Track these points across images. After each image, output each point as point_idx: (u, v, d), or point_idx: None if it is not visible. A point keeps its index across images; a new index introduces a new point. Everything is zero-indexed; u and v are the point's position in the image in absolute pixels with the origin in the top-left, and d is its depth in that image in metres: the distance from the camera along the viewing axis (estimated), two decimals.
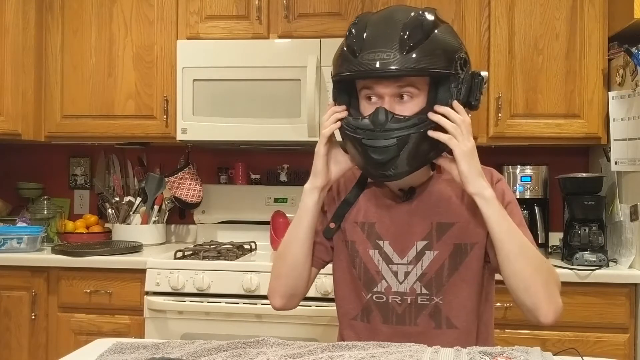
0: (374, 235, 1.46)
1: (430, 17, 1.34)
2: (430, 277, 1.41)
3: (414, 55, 1.29)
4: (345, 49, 1.37)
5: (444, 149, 1.37)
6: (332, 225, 1.50)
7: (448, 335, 1.40)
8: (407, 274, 1.43)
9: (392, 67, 1.29)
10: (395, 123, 1.31)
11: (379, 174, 1.36)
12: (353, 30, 1.37)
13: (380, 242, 1.45)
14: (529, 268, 1.34)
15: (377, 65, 1.29)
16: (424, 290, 1.42)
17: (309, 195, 1.45)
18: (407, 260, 1.43)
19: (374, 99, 1.36)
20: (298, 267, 1.49)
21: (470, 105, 1.38)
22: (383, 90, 1.34)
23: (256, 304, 2.40)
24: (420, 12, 1.34)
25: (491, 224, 1.34)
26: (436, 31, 1.33)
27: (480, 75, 1.37)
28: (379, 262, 1.45)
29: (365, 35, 1.34)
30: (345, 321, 1.52)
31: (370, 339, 1.38)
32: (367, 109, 1.37)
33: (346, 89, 1.42)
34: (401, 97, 1.35)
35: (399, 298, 1.43)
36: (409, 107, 1.34)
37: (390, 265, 1.44)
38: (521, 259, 1.34)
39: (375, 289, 1.45)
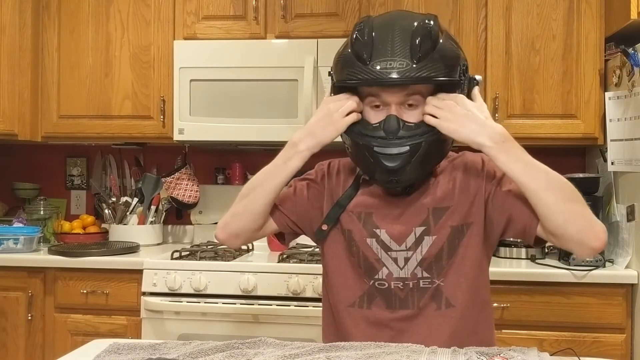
0: (370, 224, 1.47)
1: (435, 25, 1.37)
2: (430, 261, 1.43)
3: (425, 65, 1.33)
4: (351, 54, 1.38)
5: (447, 152, 1.45)
6: (324, 227, 1.50)
7: (448, 315, 1.41)
8: (407, 259, 1.44)
9: (407, 76, 1.32)
10: (407, 131, 1.36)
11: (390, 180, 1.39)
12: (359, 36, 1.38)
13: (377, 231, 1.46)
14: (562, 198, 1.32)
15: (392, 75, 1.32)
16: (425, 274, 1.43)
17: (299, 158, 1.43)
18: (406, 247, 1.44)
19: (380, 106, 1.39)
20: (254, 214, 1.49)
21: None
22: (391, 99, 1.37)
23: (253, 304, 2.40)
24: (426, 20, 1.37)
25: (506, 171, 1.36)
26: (441, 40, 1.37)
27: (475, 79, 1.43)
28: (378, 250, 1.46)
29: (373, 41, 1.36)
30: (342, 309, 1.49)
31: (367, 325, 1.43)
32: (372, 116, 1.40)
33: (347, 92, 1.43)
34: (408, 105, 1.38)
35: (401, 284, 1.44)
36: (415, 114, 1.38)
37: (389, 253, 1.45)
38: (550, 193, 1.32)
39: (376, 276, 1.45)
